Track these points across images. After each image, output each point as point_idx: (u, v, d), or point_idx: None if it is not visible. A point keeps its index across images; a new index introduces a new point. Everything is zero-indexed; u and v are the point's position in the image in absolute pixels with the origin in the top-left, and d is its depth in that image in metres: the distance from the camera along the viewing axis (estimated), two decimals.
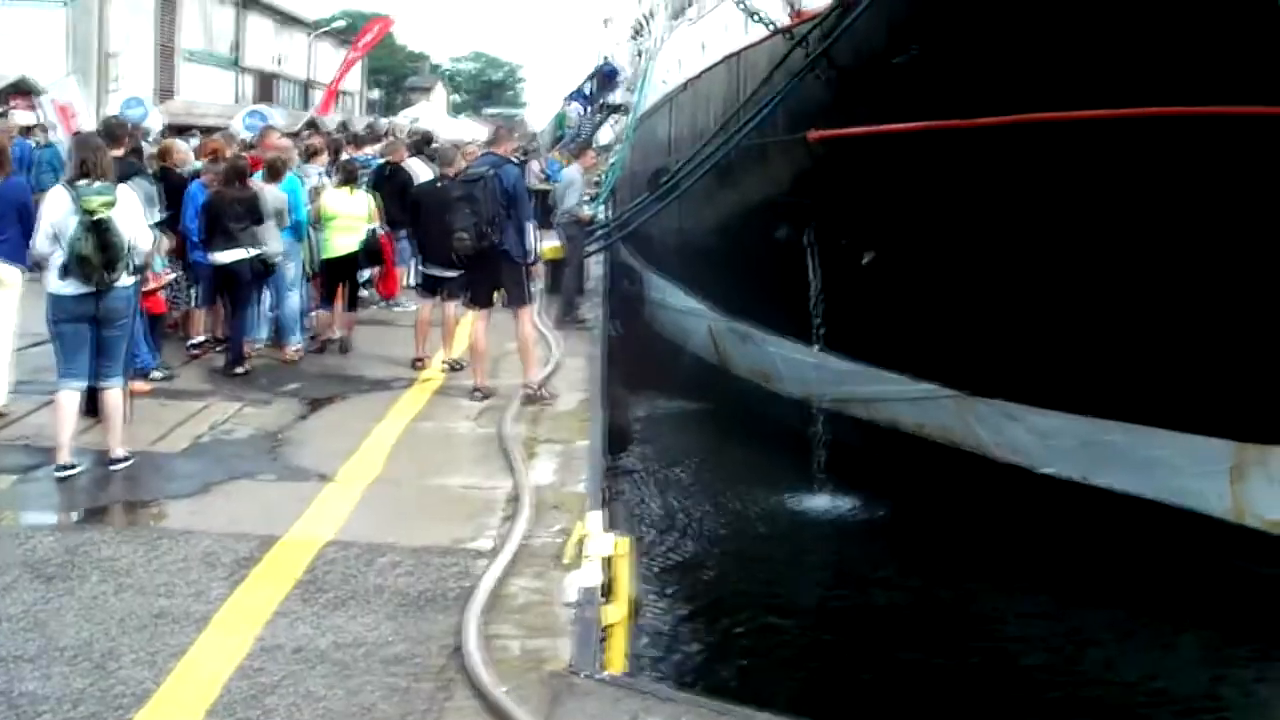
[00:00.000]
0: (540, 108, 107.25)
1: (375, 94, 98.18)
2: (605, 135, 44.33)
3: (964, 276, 13.76)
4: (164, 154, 15.41)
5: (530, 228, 13.60)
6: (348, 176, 15.58)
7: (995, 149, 12.59)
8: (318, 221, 15.14)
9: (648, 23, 35.79)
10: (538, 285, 16.65)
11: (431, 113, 72.52)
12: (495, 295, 13.39)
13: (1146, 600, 12.69)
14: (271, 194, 14.29)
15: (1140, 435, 13.04)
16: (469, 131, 55.95)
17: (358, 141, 24.24)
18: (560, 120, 46.01)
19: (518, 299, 13.27)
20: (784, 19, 15.77)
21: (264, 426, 11.70)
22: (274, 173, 14.68)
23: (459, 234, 12.64)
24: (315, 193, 15.64)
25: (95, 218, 9.38)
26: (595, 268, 24.83)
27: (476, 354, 13.38)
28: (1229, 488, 12.72)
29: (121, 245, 9.57)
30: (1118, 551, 13.06)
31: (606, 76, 44.08)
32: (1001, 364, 14.06)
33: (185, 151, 16.15)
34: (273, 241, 14.09)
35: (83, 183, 9.49)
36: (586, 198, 21.49)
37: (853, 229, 15.18)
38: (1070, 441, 13.82)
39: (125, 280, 9.79)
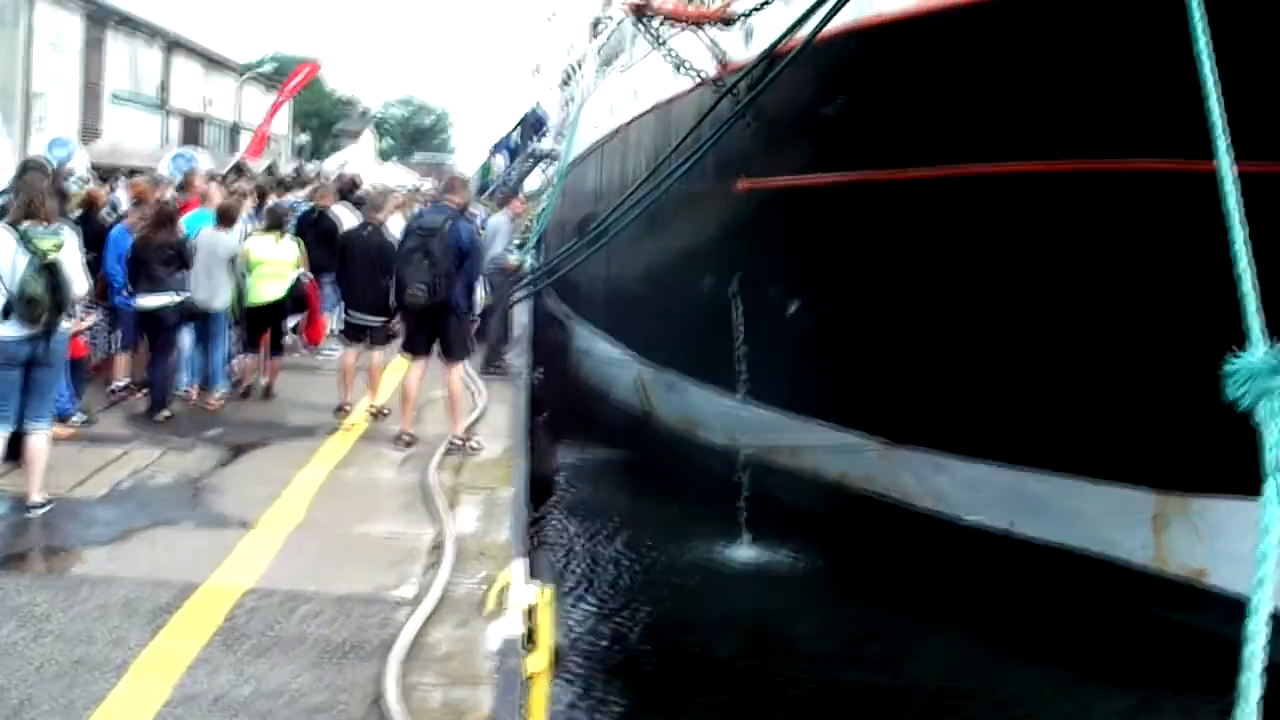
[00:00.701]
0: (469, 154, 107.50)
1: (303, 138, 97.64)
2: (534, 182, 44.47)
3: (888, 326, 13.87)
4: (91, 200, 15.36)
5: (478, 284, 13.64)
6: (275, 223, 15.49)
7: (918, 201, 12.72)
8: (244, 267, 15.04)
9: (577, 71, 35.99)
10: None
11: (360, 157, 72.40)
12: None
13: (1071, 651, 12.75)
14: (225, 241, 14.26)
15: (1063, 485, 13.16)
16: (397, 177, 55.87)
17: (285, 186, 24.15)
18: (485, 170, 46.14)
19: (456, 352, 13.28)
20: (712, 69, 15.92)
21: (185, 472, 11.57)
22: (226, 219, 14.60)
23: (414, 289, 12.62)
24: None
25: (48, 259, 9.34)
26: (521, 315, 24.80)
27: (407, 400, 13.34)
28: (1151, 537, 12.86)
29: (69, 287, 9.54)
30: (1043, 602, 13.16)
31: (535, 124, 44.23)
32: (925, 413, 14.17)
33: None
34: (222, 288, 14.04)
35: (27, 224, 9.44)
36: (514, 245, 21.50)
37: (779, 278, 15.27)
38: (995, 491, 13.92)
39: (65, 323, 9.76)
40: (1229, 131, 8.27)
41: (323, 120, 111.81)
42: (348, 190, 22.53)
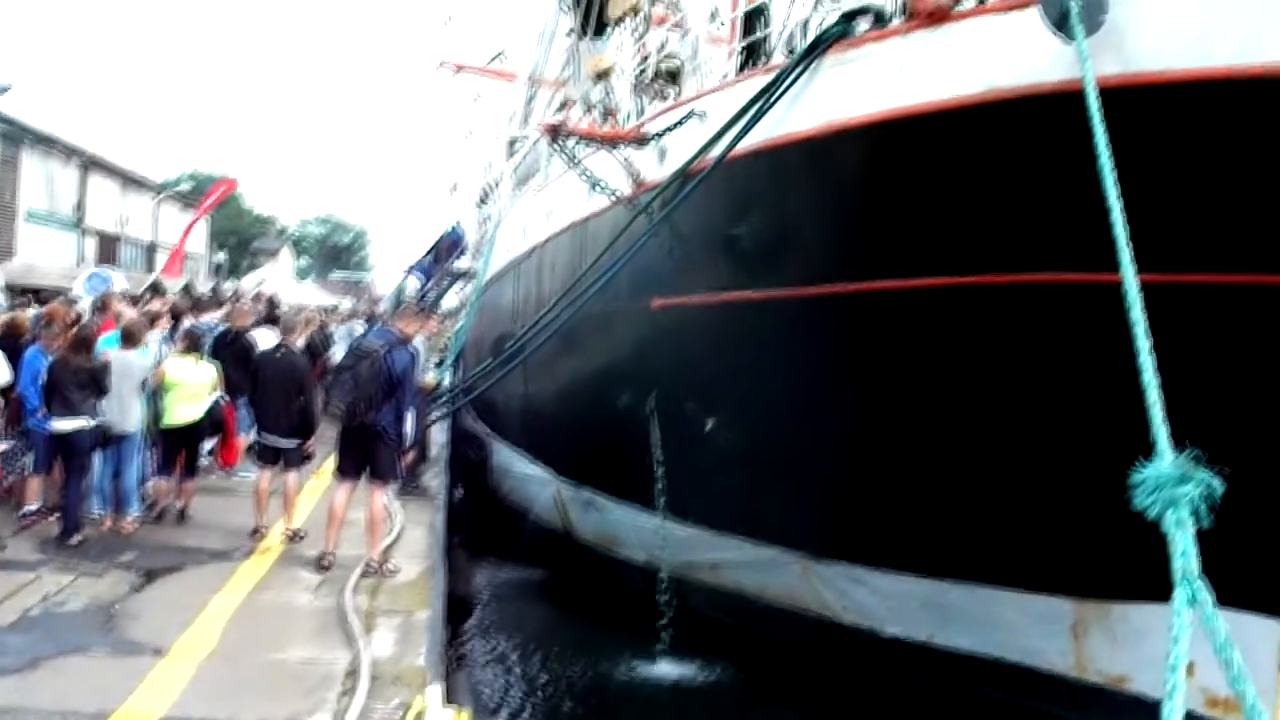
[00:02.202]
0: (388, 271, 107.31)
1: (221, 256, 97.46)
2: (451, 300, 44.51)
3: (802, 442, 13.96)
4: (13, 325, 15.34)
5: (410, 415, 13.69)
6: (191, 345, 15.45)
7: (827, 317, 12.88)
8: (158, 389, 14.96)
9: (494, 189, 36.21)
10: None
11: (277, 276, 72.46)
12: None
13: None
14: (135, 362, 14.21)
15: (983, 595, 13.24)
16: (314, 296, 55.85)
17: (200, 306, 24.07)
18: (399, 292, 46.24)
19: (383, 477, 13.30)
20: (627, 188, 16.11)
21: (98, 598, 11.45)
22: (129, 339, 14.54)
23: (333, 406, 12.75)
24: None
25: None
26: (439, 435, 24.76)
27: (333, 520, 13.30)
28: (1070, 644, 12.93)
29: None
30: (964, 712, 13.19)
31: (453, 243, 44.34)
32: (845, 527, 14.24)
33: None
34: (133, 410, 13.97)
35: None
36: (431, 364, 21.53)
37: (695, 396, 15.37)
38: (914, 603, 13.97)
39: None
40: (1132, 243, 8.57)
41: (240, 238, 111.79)
42: (270, 312, 22.52)
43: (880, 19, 12.85)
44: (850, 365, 13.11)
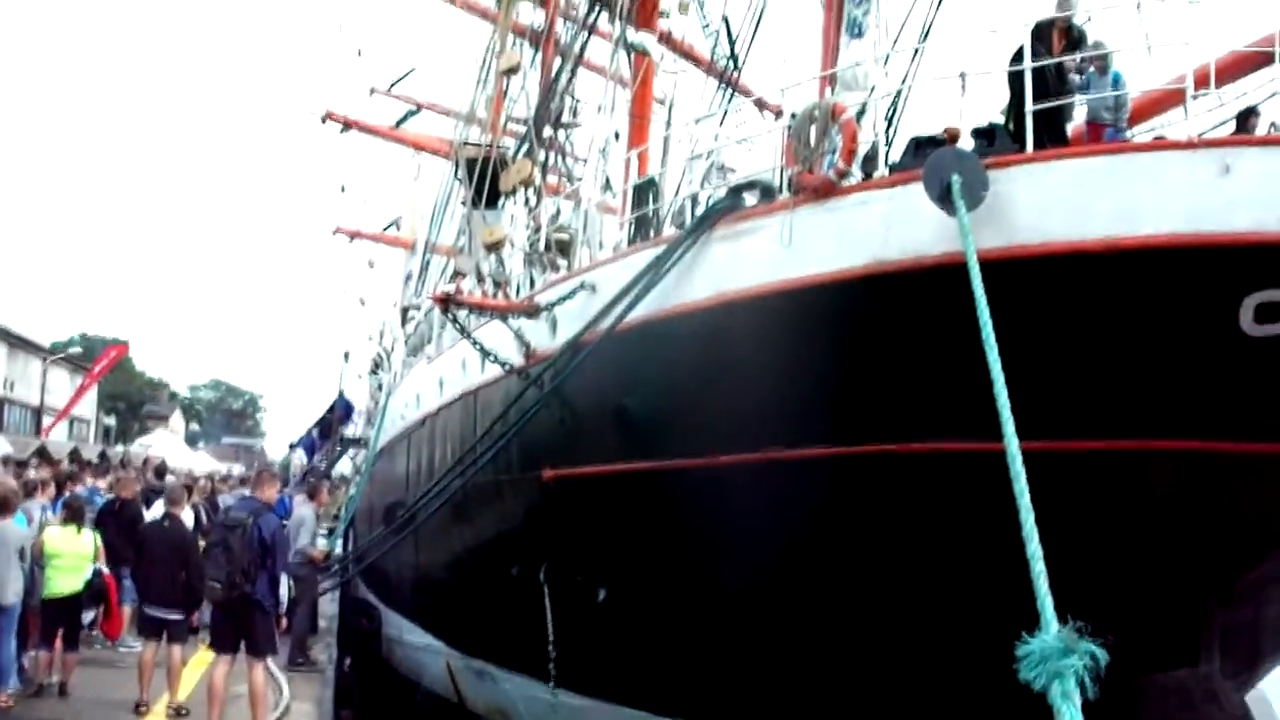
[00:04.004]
0: (280, 437, 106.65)
1: (110, 420, 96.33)
2: (344, 466, 44.39)
3: (692, 612, 13.93)
4: None
5: (284, 579, 13.59)
6: (73, 514, 15.18)
7: (714, 487, 12.94)
8: (39, 559, 14.67)
9: (387, 358, 36.25)
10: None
11: (168, 441, 71.67)
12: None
13: None
14: (13, 531, 13.95)
15: None
16: (205, 462, 55.30)
17: (88, 471, 23.77)
18: (285, 466, 46.15)
19: (261, 649, 13.14)
20: (518, 359, 16.20)
21: None
22: (5, 507, 14.27)
23: (211, 582, 12.67)
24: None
25: None
26: (329, 605, 24.44)
27: (214, 699, 13.06)
28: None
29: None
30: None
31: (344, 412, 44.33)
32: (737, 696, 14.15)
33: None
34: (11, 581, 13.69)
35: None
36: (322, 533, 21.36)
37: (586, 567, 15.33)
38: None
39: None
40: (1014, 413, 8.75)
41: (130, 402, 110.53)
42: (157, 478, 22.28)
43: (768, 193, 13.15)
44: (732, 534, 13.13)
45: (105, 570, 15.35)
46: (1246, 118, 12.36)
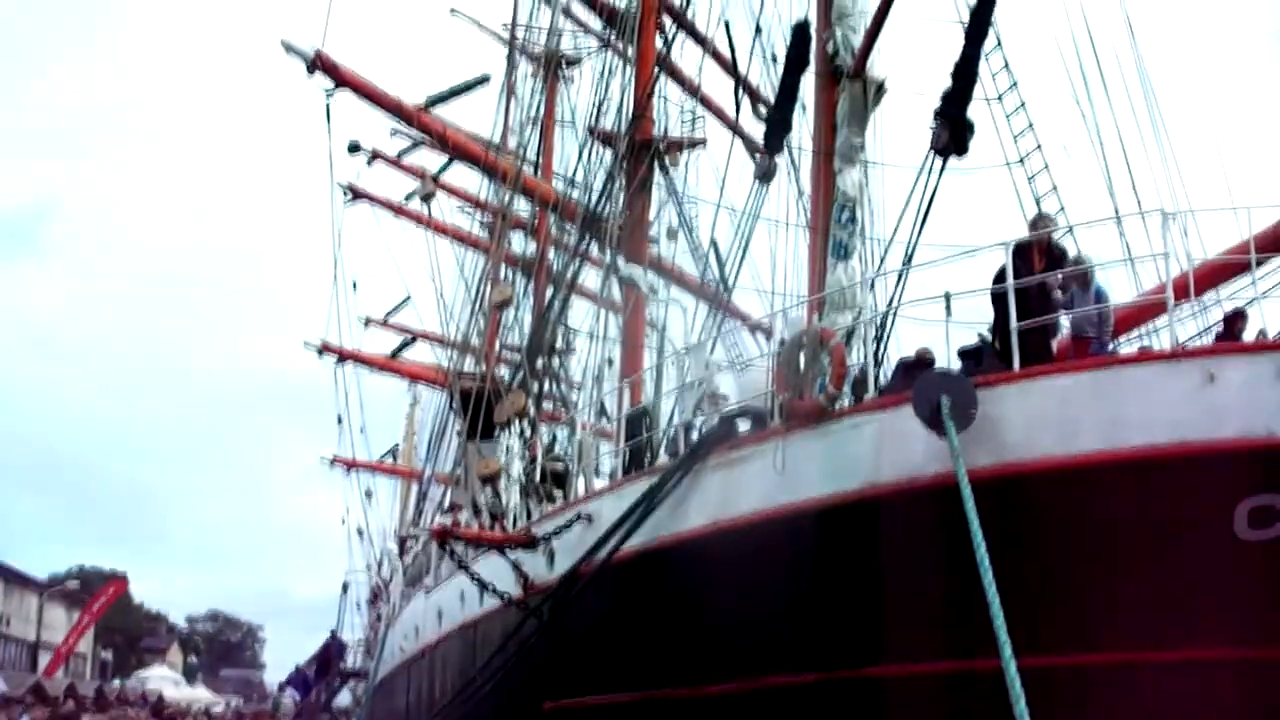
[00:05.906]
0: (280, 669, 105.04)
1: (107, 654, 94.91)
2: (343, 699, 43.98)
3: None
4: None
5: None
6: None
7: (718, 715, 12.81)
8: None
9: (385, 588, 36.04)
10: None
11: (165, 675, 70.49)
12: None
13: None
14: None
15: None
16: (203, 696, 54.61)
17: (86, 709, 23.51)
18: (276, 706, 45.64)
19: None
20: (516, 590, 16.09)
21: None
22: None
23: None
24: None
25: None
26: None
27: None
28: None
29: None
30: None
31: (338, 650, 43.97)
32: None
33: None
34: None
35: None
36: None
37: None
38: None
39: None
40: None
41: (127, 636, 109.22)
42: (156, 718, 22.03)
43: (760, 420, 13.24)
44: None
45: None
46: (1234, 321, 12.45)
